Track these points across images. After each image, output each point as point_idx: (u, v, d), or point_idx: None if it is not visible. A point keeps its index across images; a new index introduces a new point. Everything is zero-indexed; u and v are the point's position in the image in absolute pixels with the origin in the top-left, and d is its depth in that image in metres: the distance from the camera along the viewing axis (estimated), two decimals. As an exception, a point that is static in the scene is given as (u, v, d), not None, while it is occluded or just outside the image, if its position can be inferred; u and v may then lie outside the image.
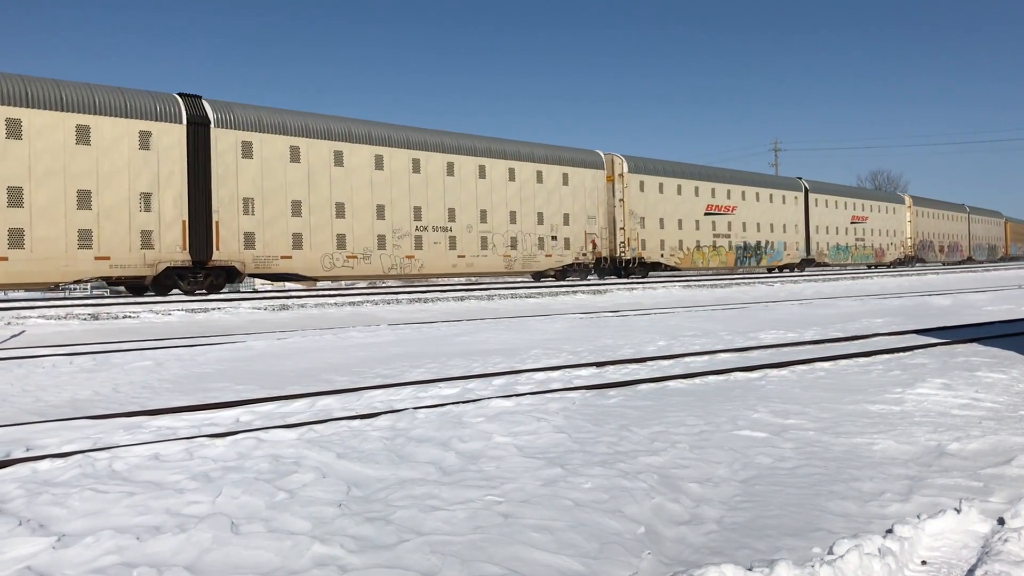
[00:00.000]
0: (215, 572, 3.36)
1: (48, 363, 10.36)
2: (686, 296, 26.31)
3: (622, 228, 36.61)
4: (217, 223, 23.82)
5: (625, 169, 37.09)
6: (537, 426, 6.03)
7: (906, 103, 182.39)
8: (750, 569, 3.21)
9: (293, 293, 24.43)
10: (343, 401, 7.38)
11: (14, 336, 14.19)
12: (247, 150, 24.71)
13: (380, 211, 27.77)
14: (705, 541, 3.77)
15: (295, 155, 25.94)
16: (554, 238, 33.69)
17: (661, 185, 38.63)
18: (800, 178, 50.19)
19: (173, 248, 22.92)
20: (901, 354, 10.27)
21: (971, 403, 6.90)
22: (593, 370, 9.21)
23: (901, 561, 3.41)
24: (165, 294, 23.16)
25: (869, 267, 57.14)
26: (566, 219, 34.45)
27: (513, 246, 32.05)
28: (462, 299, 22.89)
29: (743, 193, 44.18)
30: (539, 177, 33.27)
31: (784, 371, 8.90)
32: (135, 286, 23.56)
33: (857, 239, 54.61)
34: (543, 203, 33.44)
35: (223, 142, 24.17)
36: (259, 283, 36.02)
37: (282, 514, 4.04)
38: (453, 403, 7.03)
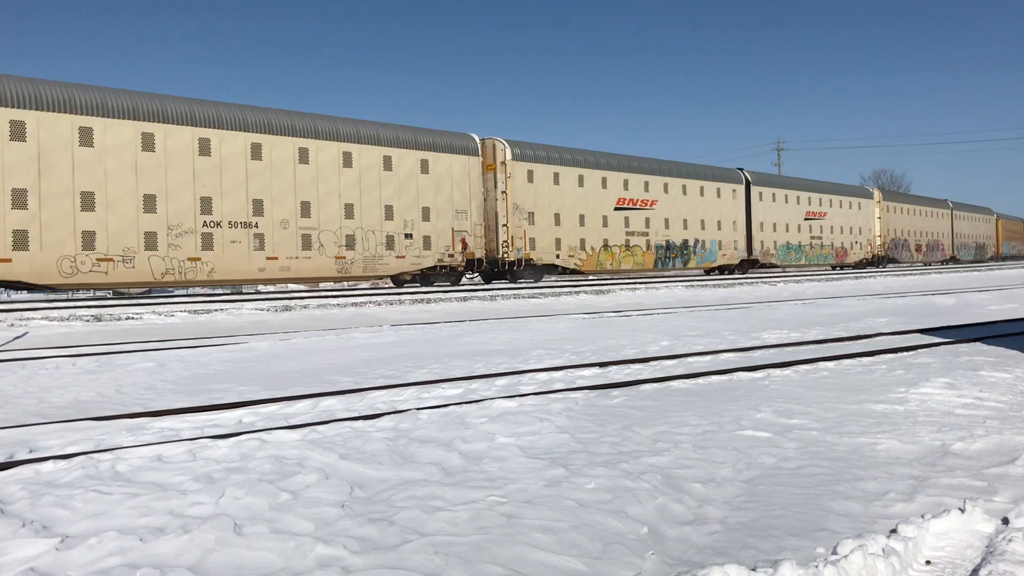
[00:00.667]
0: (218, 573, 3.36)
1: (51, 364, 10.37)
2: (689, 296, 26.30)
3: (504, 225, 31.63)
4: None
5: (508, 156, 31.67)
6: (540, 426, 6.03)
7: (911, 102, 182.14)
8: (754, 569, 3.20)
9: (296, 294, 24.40)
10: (346, 402, 7.38)
11: (17, 337, 14.21)
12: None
13: (149, 202, 22.83)
14: (709, 541, 3.76)
15: (19, 133, 20.96)
16: (408, 235, 28.70)
17: (556, 175, 33.58)
18: (741, 169, 45.27)
19: None
20: (904, 353, 10.26)
21: (975, 402, 6.88)
22: (596, 370, 9.20)
23: (905, 561, 3.40)
24: None
25: (833, 268, 53.32)
26: (425, 214, 29.22)
27: (350, 246, 27.15)
28: (465, 299, 22.90)
29: (666, 185, 38.86)
30: (387, 163, 28.07)
31: (787, 371, 8.89)
32: None
33: (813, 237, 49.90)
34: (392, 195, 28.16)
35: None
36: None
37: (285, 515, 4.04)
38: (456, 404, 7.02)
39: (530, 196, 32.72)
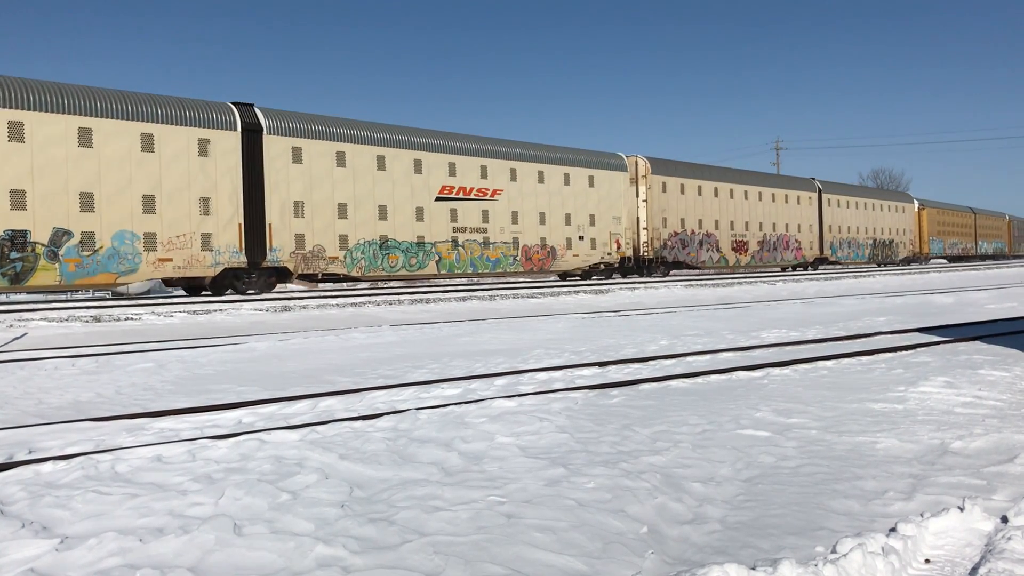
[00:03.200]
0: (218, 573, 3.36)
1: (50, 365, 10.37)
2: (688, 295, 26.31)
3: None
4: None
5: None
6: (540, 426, 6.03)
7: (912, 100, 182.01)
8: (753, 568, 3.21)
9: (295, 295, 24.41)
10: (345, 402, 7.38)
11: (16, 338, 14.20)
12: None
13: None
14: (708, 540, 3.76)
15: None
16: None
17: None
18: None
19: None
20: (903, 352, 10.26)
21: (974, 401, 6.89)
22: (595, 370, 9.21)
23: (904, 560, 3.41)
24: None
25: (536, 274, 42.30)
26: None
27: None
28: (464, 299, 22.89)
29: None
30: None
31: (786, 370, 8.90)
32: None
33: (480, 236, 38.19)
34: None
35: None
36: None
37: (285, 515, 4.05)
38: (455, 403, 7.03)
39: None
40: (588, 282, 30.98)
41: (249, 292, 25.07)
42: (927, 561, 3.47)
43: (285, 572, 3.36)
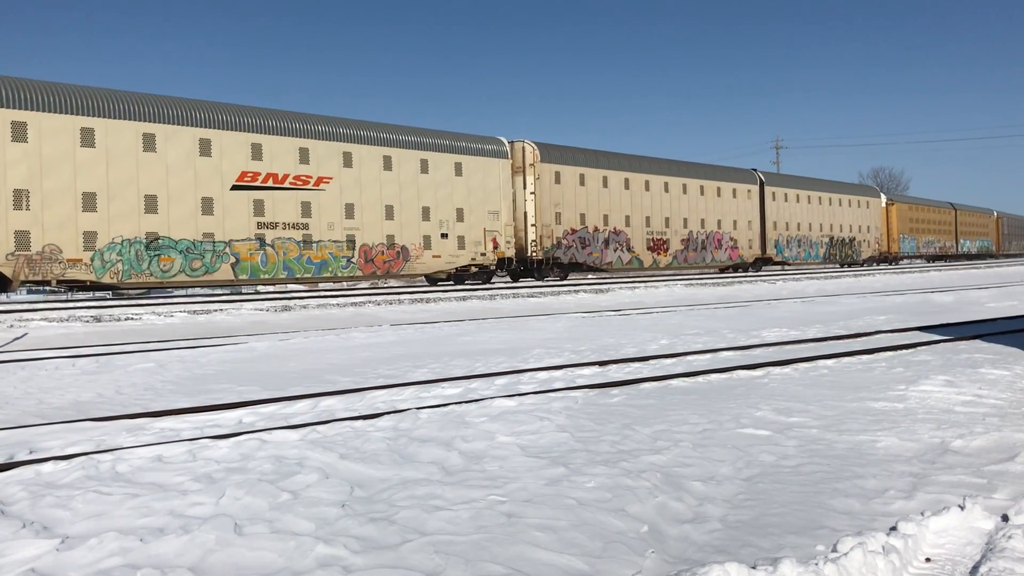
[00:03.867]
0: (219, 573, 3.36)
1: (51, 365, 10.37)
2: (688, 295, 26.31)
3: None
4: None
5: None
6: (540, 425, 6.03)
7: (912, 99, 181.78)
8: (754, 567, 3.21)
9: (295, 294, 24.39)
10: (346, 402, 7.38)
11: (16, 339, 14.21)
12: None
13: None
14: (709, 539, 3.76)
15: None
16: None
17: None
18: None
19: None
20: (904, 351, 10.26)
21: (974, 400, 6.89)
22: (595, 369, 9.21)
23: (905, 558, 3.41)
24: None
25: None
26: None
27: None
28: (464, 299, 22.90)
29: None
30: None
31: (787, 369, 8.90)
32: None
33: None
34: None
35: None
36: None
37: (285, 515, 4.05)
38: (456, 403, 7.03)
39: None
40: (588, 281, 30.93)
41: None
42: (928, 560, 3.47)
43: (286, 572, 3.36)
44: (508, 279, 33.70)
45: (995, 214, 79.22)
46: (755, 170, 45.68)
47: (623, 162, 37.26)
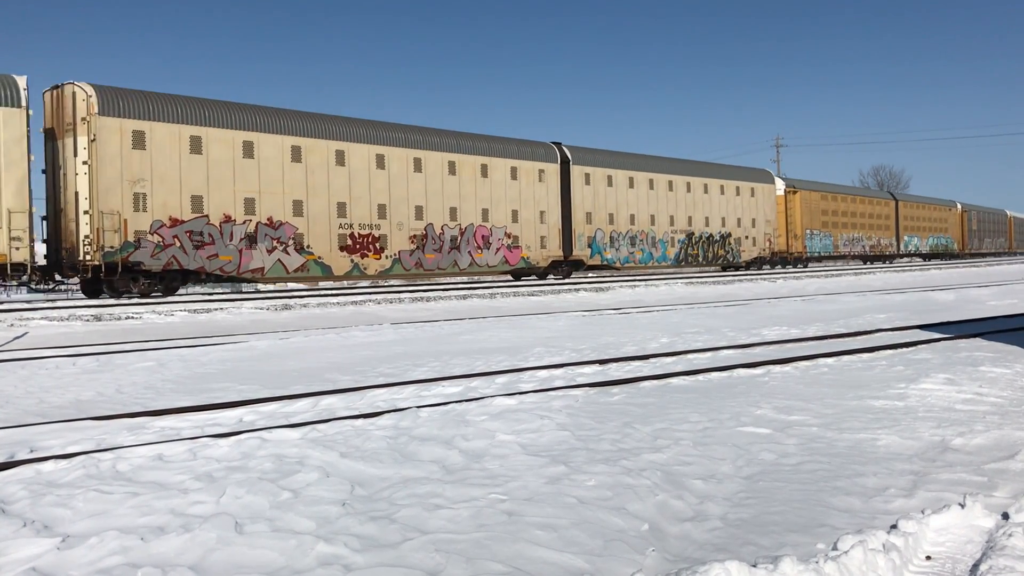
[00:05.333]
0: (220, 572, 3.36)
1: (51, 364, 10.37)
2: (688, 293, 26.31)
3: None
4: None
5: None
6: (540, 424, 6.03)
7: (912, 97, 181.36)
8: (754, 566, 3.21)
9: (295, 293, 24.36)
10: (346, 400, 7.38)
11: (17, 338, 14.21)
12: None
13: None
14: (709, 538, 3.76)
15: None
16: None
17: None
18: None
19: None
20: (904, 349, 10.26)
21: (975, 398, 6.89)
22: (596, 367, 9.21)
23: (905, 556, 3.41)
24: None
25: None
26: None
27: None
28: (464, 297, 22.90)
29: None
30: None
31: (787, 367, 8.90)
32: None
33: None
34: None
35: None
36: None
37: (286, 513, 4.05)
38: (456, 401, 7.03)
39: None
40: (588, 279, 30.72)
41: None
42: (928, 558, 3.47)
43: (287, 570, 3.36)
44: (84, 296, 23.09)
45: (959, 207, 68.70)
46: (558, 144, 33.83)
47: (285, 121, 24.97)
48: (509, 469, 4.83)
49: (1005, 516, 3.83)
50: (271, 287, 29.57)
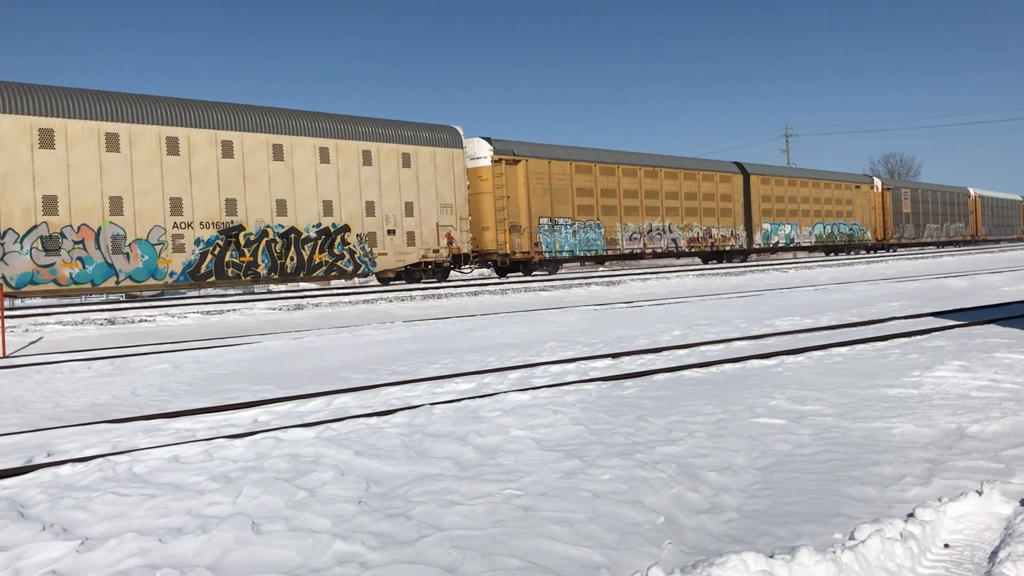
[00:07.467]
0: (238, 572, 3.38)
1: (66, 368, 10.44)
2: (700, 284, 26.24)
3: None
4: None
5: None
6: (554, 419, 6.03)
7: (922, 83, 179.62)
8: (771, 556, 3.20)
9: (307, 293, 24.43)
10: (360, 399, 7.40)
11: (32, 343, 14.31)
12: None
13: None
14: (725, 529, 3.76)
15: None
16: None
17: None
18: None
19: None
20: (918, 337, 10.21)
21: (990, 384, 6.85)
22: (608, 361, 9.20)
23: (923, 545, 3.39)
24: None
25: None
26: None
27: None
28: (476, 294, 22.91)
29: None
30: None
31: (800, 357, 8.86)
32: None
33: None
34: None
35: None
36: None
37: (302, 513, 4.06)
38: (469, 398, 7.03)
39: None
40: (599, 273, 30.79)
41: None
42: (946, 546, 3.45)
43: (304, 569, 3.38)
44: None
45: (878, 184, 51.59)
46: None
47: None
48: (524, 464, 4.84)
49: (1023, 503, 3.81)
50: (282, 288, 29.44)
